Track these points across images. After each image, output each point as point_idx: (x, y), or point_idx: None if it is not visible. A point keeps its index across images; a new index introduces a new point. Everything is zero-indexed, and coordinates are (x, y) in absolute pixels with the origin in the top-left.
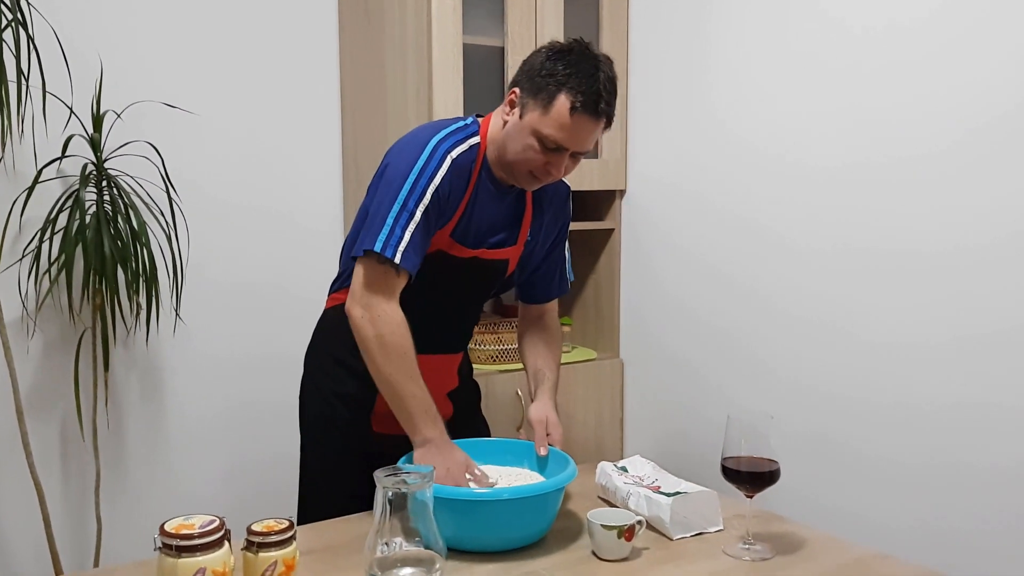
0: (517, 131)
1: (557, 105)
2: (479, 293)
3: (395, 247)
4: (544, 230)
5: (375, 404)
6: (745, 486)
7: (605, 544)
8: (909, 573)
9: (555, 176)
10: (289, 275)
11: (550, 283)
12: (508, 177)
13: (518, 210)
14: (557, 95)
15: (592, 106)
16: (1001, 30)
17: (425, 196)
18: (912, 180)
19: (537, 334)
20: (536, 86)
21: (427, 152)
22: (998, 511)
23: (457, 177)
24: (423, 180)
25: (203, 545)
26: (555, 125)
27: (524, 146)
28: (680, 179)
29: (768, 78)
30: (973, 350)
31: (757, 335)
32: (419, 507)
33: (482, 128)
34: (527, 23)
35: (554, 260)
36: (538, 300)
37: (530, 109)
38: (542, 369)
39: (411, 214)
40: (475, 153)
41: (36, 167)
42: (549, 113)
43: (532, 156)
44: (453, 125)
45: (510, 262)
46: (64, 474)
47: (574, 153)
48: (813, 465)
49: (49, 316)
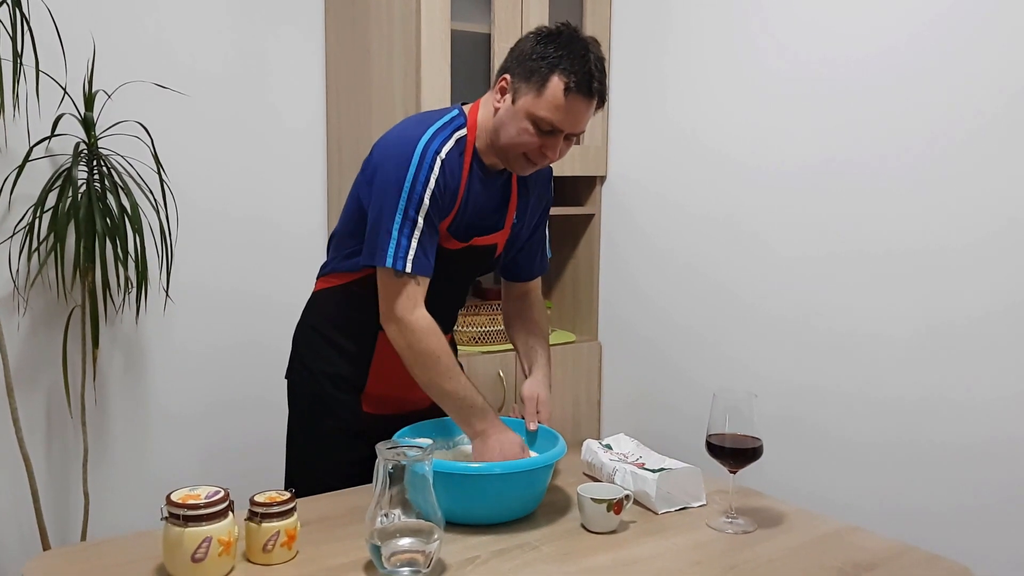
0: (510, 116)
1: (551, 87)
2: (469, 277)
3: (404, 258)
4: (529, 211)
5: (366, 385)
6: (729, 461)
7: (594, 517)
8: (880, 544)
9: (550, 159)
10: (277, 256)
11: (533, 261)
12: (501, 162)
13: (505, 193)
14: (550, 77)
15: (586, 86)
16: (978, 39)
17: (424, 202)
18: (880, 180)
19: (524, 311)
20: (528, 70)
21: (417, 156)
22: (957, 488)
23: (449, 176)
24: (419, 187)
25: (209, 515)
26: (550, 107)
27: (519, 130)
28: (656, 171)
29: (741, 79)
30: (935, 343)
31: (728, 322)
32: (418, 480)
33: (469, 117)
34: (513, 10)
35: (537, 239)
36: (522, 278)
37: (523, 93)
38: (534, 347)
39: (413, 222)
40: (463, 146)
41: (29, 145)
42: (543, 95)
43: (527, 140)
44: (439, 120)
45: (499, 245)
46: (51, 449)
47: (568, 135)
48: (787, 448)
49: (39, 293)
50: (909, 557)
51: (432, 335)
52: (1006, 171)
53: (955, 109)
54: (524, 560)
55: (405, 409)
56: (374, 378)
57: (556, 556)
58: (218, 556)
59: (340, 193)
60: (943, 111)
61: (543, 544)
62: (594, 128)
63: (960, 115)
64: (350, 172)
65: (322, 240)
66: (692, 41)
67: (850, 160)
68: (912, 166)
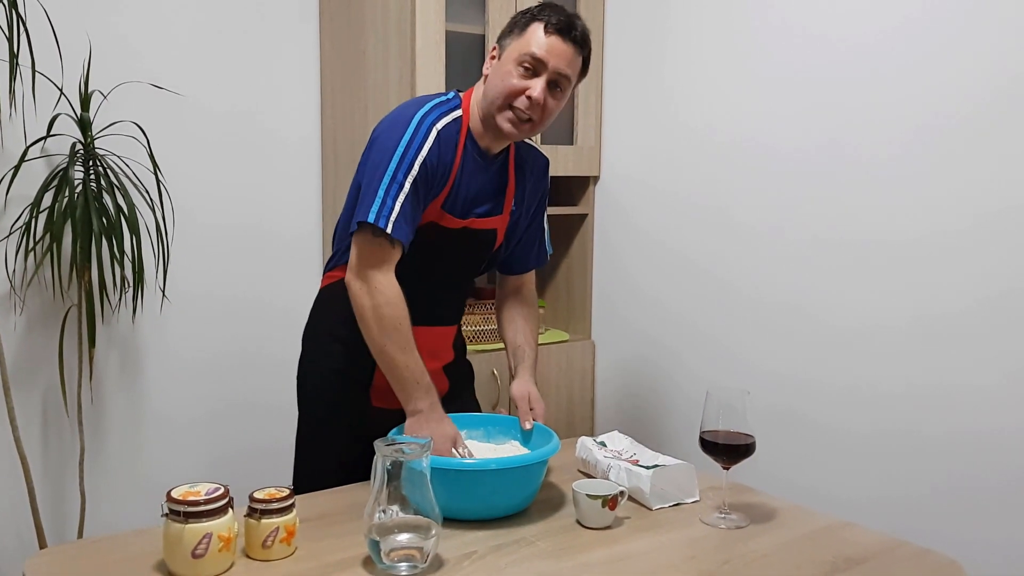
0: (497, 71)
1: (531, 28)
2: (470, 264)
3: (387, 217)
4: (527, 198)
5: (373, 379)
6: (722, 458)
7: (589, 513)
8: (872, 539)
9: (536, 100)
10: (272, 256)
11: (528, 254)
12: (490, 135)
13: (502, 180)
14: (531, 23)
15: (566, 30)
16: (967, 32)
17: (413, 168)
18: (874, 171)
19: (515, 307)
20: (512, 25)
21: (413, 125)
22: (949, 479)
23: (444, 148)
24: (411, 152)
25: (209, 511)
26: (531, 43)
27: (503, 75)
28: (651, 168)
29: (734, 73)
30: (927, 334)
31: (723, 319)
32: (416, 476)
33: (464, 101)
34: (508, 10)
35: (533, 231)
36: (516, 271)
37: (507, 46)
38: (521, 345)
39: (400, 185)
40: (459, 125)
41: (25, 145)
42: (524, 36)
43: (511, 83)
44: (436, 99)
45: (498, 232)
46: (48, 448)
47: (551, 81)
48: (779, 442)
49: (35, 293)
50: (900, 551)
51: (398, 302)
52: (999, 160)
53: (949, 99)
54: (520, 555)
55: None
56: (381, 372)
57: (552, 552)
58: (218, 552)
59: (335, 193)
60: (936, 101)
61: (539, 540)
62: (588, 128)
63: (954, 104)
64: (345, 172)
65: (317, 237)
66: (686, 41)
67: (843, 151)
68: (905, 156)
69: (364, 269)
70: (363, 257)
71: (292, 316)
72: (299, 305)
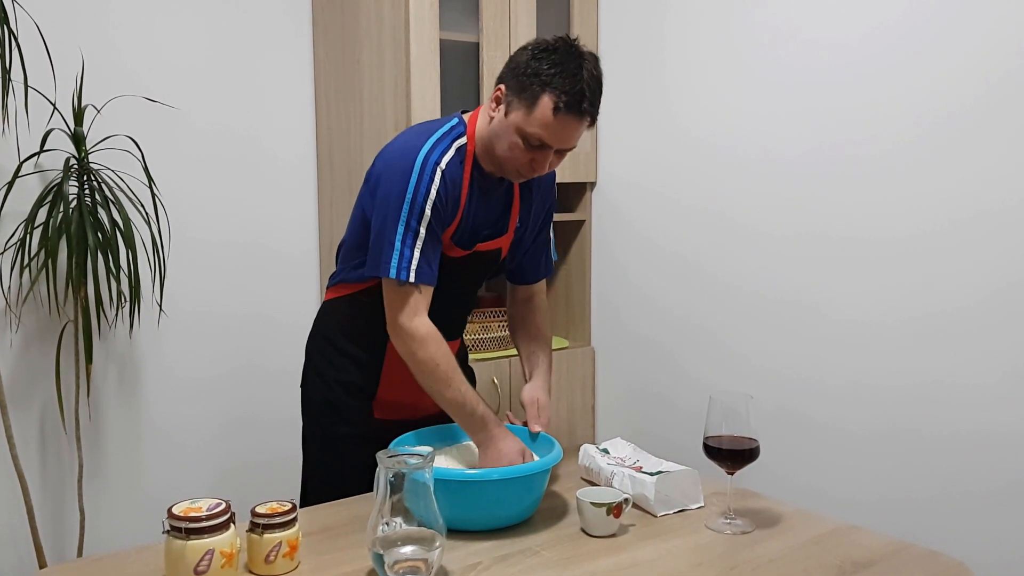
0: (503, 129)
1: (540, 106)
2: (475, 283)
3: (408, 268)
4: (533, 215)
5: (377, 392)
6: (726, 463)
7: (594, 521)
8: (878, 542)
9: (540, 172)
10: (269, 268)
11: (537, 264)
12: (496, 170)
13: (508, 200)
14: (541, 96)
15: (576, 106)
16: (959, 32)
17: (425, 213)
18: (870, 171)
19: (528, 315)
20: (521, 85)
21: (417, 168)
22: (954, 477)
23: (450, 186)
24: (419, 198)
25: (211, 527)
26: (539, 124)
27: (510, 144)
28: (648, 172)
29: (729, 77)
30: (929, 331)
31: (723, 321)
32: (419, 487)
33: (469, 125)
34: (501, 18)
35: (541, 242)
36: (527, 281)
37: (515, 108)
38: (536, 352)
39: (416, 233)
40: (463, 154)
41: (19, 161)
42: (533, 113)
43: (517, 154)
44: (440, 130)
45: (503, 250)
46: (46, 465)
47: (559, 150)
48: (782, 443)
49: (31, 309)
50: (907, 554)
51: (431, 342)
52: (997, 156)
53: (946, 95)
54: (526, 566)
55: (416, 415)
56: (385, 385)
57: (558, 561)
58: (220, 568)
59: (331, 205)
60: (933, 97)
61: (544, 549)
62: (584, 135)
63: (951, 100)
64: (342, 183)
65: (314, 249)
66: (680, 46)
67: (840, 151)
68: (903, 153)
69: (396, 320)
70: (393, 308)
71: (289, 329)
72: (296, 317)
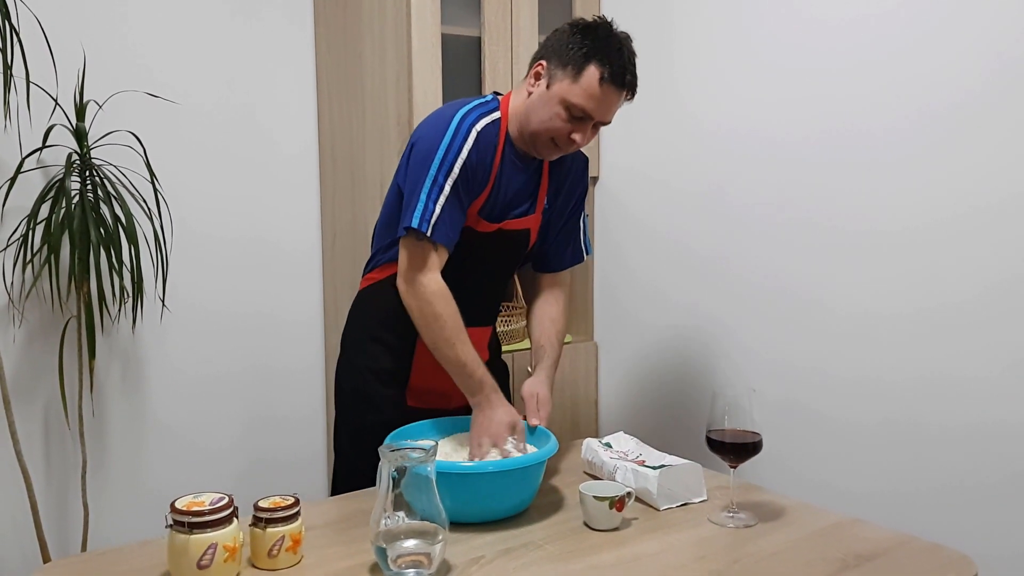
0: (544, 101)
1: (587, 75)
2: (505, 265)
3: (429, 221)
4: (562, 197)
5: (410, 379)
6: (729, 457)
7: (597, 515)
8: (882, 535)
9: (578, 144)
10: (271, 265)
11: (564, 251)
12: (529, 148)
13: (537, 179)
14: (587, 66)
15: (620, 77)
16: (961, 21)
17: (454, 170)
18: (876, 163)
19: (545, 307)
20: (565, 57)
21: (453, 127)
22: (956, 470)
23: (483, 149)
24: (451, 154)
25: (214, 521)
26: (584, 94)
27: (551, 115)
28: (651, 164)
29: (732, 66)
30: (933, 323)
31: (727, 315)
32: (421, 481)
33: (502, 105)
34: (503, 12)
35: (570, 228)
36: (551, 268)
37: (559, 79)
38: (544, 346)
39: (441, 188)
40: (498, 127)
41: (21, 157)
42: (579, 82)
43: (559, 124)
44: (475, 101)
45: (531, 232)
46: (50, 461)
47: (596, 123)
48: (787, 437)
49: (34, 305)
50: (910, 547)
51: (442, 299)
52: (1002, 147)
53: (952, 86)
54: (529, 559)
55: (450, 404)
56: (417, 371)
57: (560, 555)
58: (224, 562)
59: (334, 200)
60: (939, 88)
61: (547, 543)
62: None
63: (958, 92)
64: (344, 178)
65: (316, 244)
66: (684, 36)
67: (845, 143)
68: (909, 145)
69: (410, 272)
70: (406, 259)
71: (292, 323)
72: (299, 314)
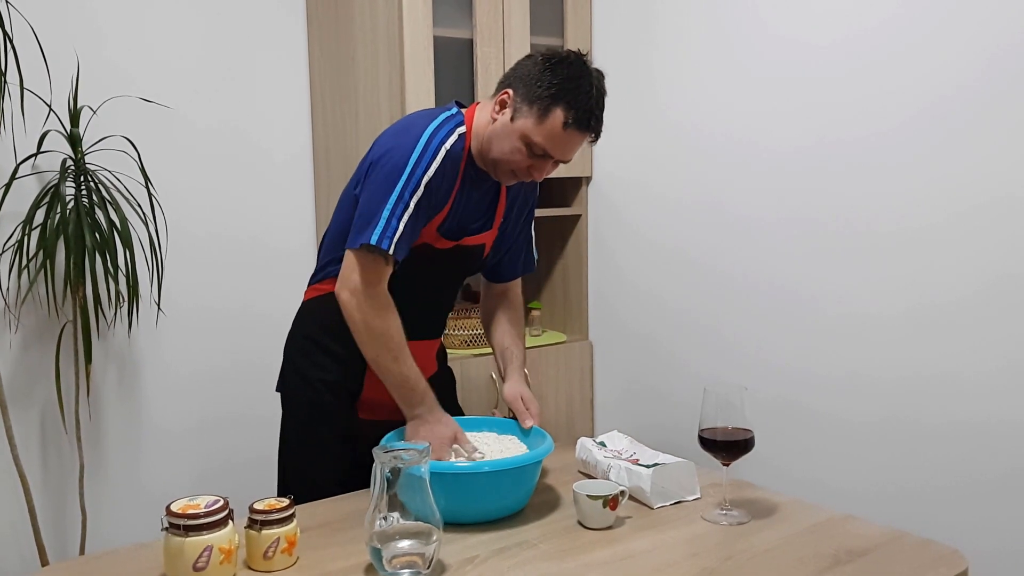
0: (506, 133)
1: (552, 117)
2: (457, 279)
3: (391, 238)
4: (515, 212)
5: (362, 392)
6: (721, 455)
7: (591, 513)
8: (874, 531)
9: (536, 179)
10: (266, 267)
11: (516, 261)
12: (488, 170)
13: (495, 196)
14: (553, 108)
15: (584, 122)
16: (952, 27)
17: (420, 188)
18: (864, 163)
19: (502, 312)
20: (532, 93)
21: (423, 143)
22: (948, 467)
23: (448, 169)
24: (419, 171)
25: (209, 524)
26: (546, 135)
27: (512, 148)
28: (642, 166)
29: (722, 71)
30: (924, 322)
31: (720, 314)
32: (415, 482)
33: (466, 119)
34: (495, 15)
35: (523, 240)
36: (505, 279)
37: (523, 115)
38: (509, 347)
39: (406, 205)
40: (463, 143)
41: (15, 163)
42: (543, 124)
43: (518, 159)
44: (443, 114)
45: (486, 246)
46: (47, 465)
47: (557, 160)
48: (779, 434)
49: (30, 310)
50: (902, 542)
51: (390, 313)
52: (992, 148)
53: (940, 87)
54: (523, 558)
55: (402, 416)
56: (369, 383)
57: (554, 553)
58: (219, 564)
59: (328, 203)
60: (927, 90)
61: (541, 542)
62: None
63: (947, 92)
64: (338, 179)
65: (311, 246)
66: (674, 41)
67: (833, 143)
68: (898, 146)
69: (357, 284)
70: (356, 270)
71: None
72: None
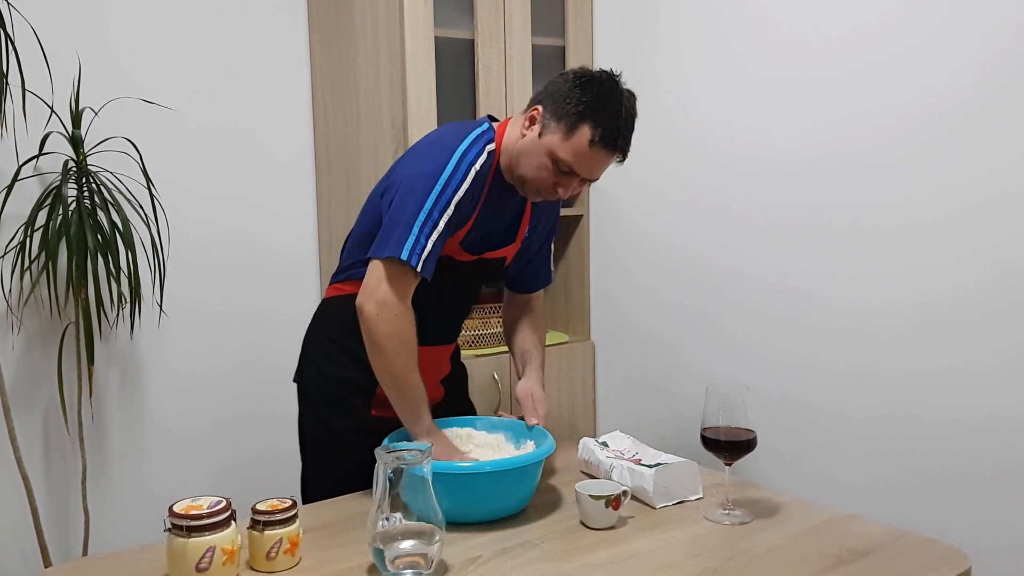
0: (534, 149)
1: (579, 134)
2: (477, 288)
3: (420, 255)
4: (541, 225)
5: (377, 389)
6: (724, 454)
7: (593, 514)
8: (877, 530)
9: (562, 196)
10: (269, 268)
11: (538, 274)
12: (516, 185)
13: (519, 210)
14: (580, 125)
15: (611, 141)
16: (953, 24)
17: (449, 208)
18: (864, 162)
19: (523, 318)
20: (560, 110)
21: (453, 163)
22: (951, 465)
23: (475, 188)
24: (449, 191)
25: (212, 525)
26: (573, 152)
27: (538, 165)
28: (644, 166)
29: (725, 71)
30: (926, 319)
31: (722, 313)
32: (418, 482)
33: (497, 134)
34: (496, 15)
35: (544, 253)
36: (527, 290)
37: (551, 131)
38: (529, 350)
39: (435, 224)
40: (491, 160)
41: (17, 164)
42: (569, 140)
43: (544, 175)
44: (475, 131)
45: (507, 258)
46: (50, 467)
47: (584, 179)
48: (782, 433)
49: (32, 312)
50: (905, 541)
51: (412, 327)
52: (993, 145)
53: (942, 85)
54: (526, 558)
55: None
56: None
57: (557, 553)
58: (222, 565)
59: (330, 203)
60: (926, 88)
61: (544, 542)
62: None
63: (947, 91)
64: (339, 181)
65: (313, 247)
66: (676, 40)
67: (836, 142)
68: (899, 143)
69: (384, 294)
70: (383, 281)
71: (290, 327)
72: (296, 316)
